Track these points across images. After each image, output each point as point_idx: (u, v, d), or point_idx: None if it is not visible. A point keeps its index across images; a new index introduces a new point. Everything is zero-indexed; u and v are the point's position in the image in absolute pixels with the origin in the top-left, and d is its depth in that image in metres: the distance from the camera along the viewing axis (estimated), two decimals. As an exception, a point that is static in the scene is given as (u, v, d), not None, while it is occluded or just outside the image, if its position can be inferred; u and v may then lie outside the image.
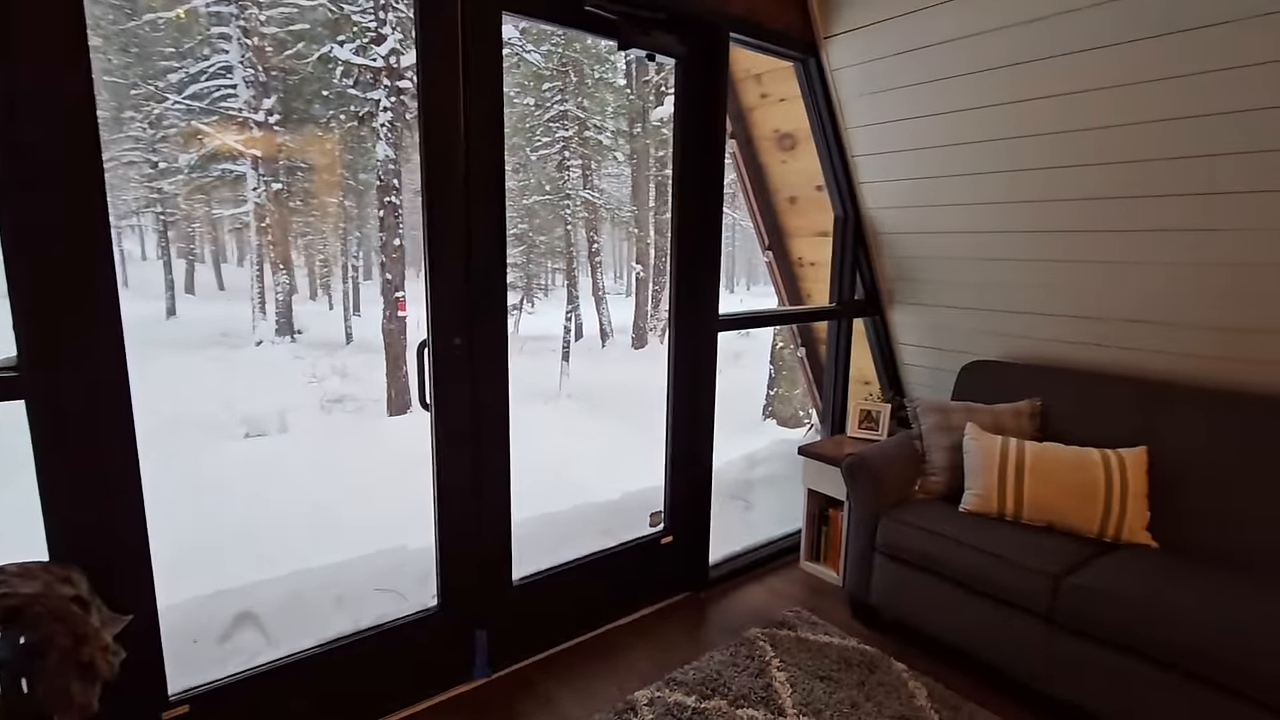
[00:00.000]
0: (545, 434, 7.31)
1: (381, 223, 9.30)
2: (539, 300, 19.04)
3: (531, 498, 3.77)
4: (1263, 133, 1.80)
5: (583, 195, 12.35)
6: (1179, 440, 2.11)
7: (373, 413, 9.03)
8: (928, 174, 2.57)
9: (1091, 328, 2.44)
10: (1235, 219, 1.96)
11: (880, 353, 3.23)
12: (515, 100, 11.61)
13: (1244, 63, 1.76)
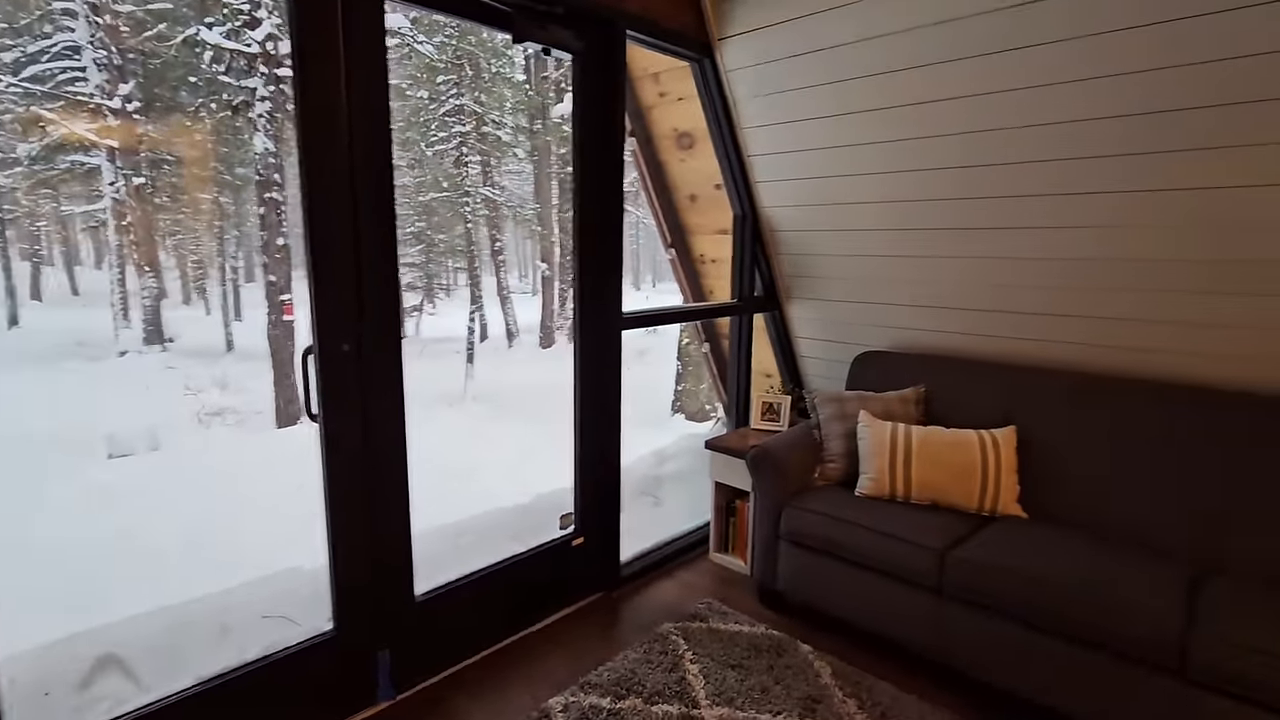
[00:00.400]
0: (451, 439, 7.07)
1: (262, 221, 8.67)
2: (441, 301, 18.43)
3: (437, 507, 3.63)
4: (1096, 139, 2.00)
5: (483, 192, 12.05)
6: (1042, 419, 2.32)
7: (258, 425, 8.40)
8: (817, 174, 2.68)
9: (964, 318, 2.63)
10: (1082, 217, 2.17)
11: (780, 346, 3.34)
12: (408, 93, 11.15)
13: (1099, 74, 1.94)
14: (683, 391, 8.62)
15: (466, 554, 2.58)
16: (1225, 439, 2.00)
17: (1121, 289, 2.21)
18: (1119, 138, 1.96)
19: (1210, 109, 1.80)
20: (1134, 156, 1.98)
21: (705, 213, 3.34)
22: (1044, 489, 2.26)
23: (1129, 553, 1.95)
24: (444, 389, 9.99)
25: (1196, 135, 1.85)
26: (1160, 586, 1.75)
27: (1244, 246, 1.93)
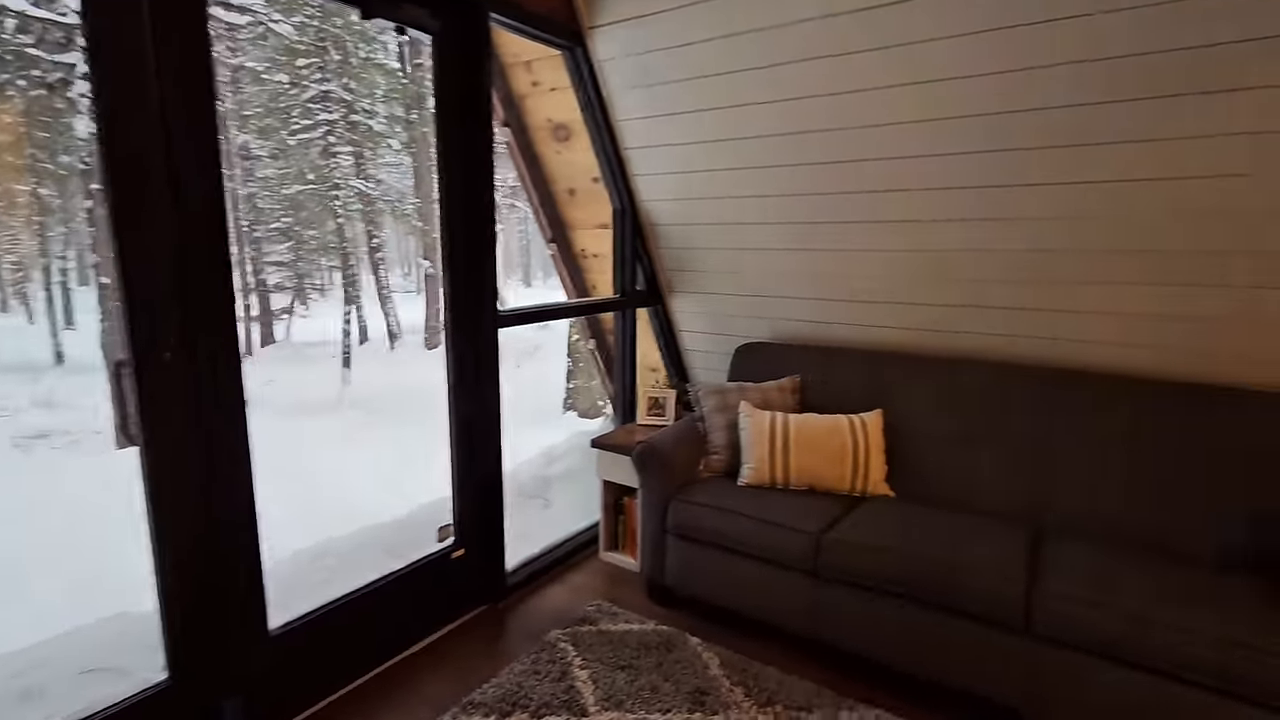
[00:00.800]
0: (324, 450, 6.58)
1: (90, 215, 7.65)
2: (316, 302, 17.19)
3: (303, 527, 3.33)
4: (973, 134, 2.12)
5: (355, 185, 11.32)
6: (905, 402, 2.45)
7: (94, 446, 7.43)
8: (695, 168, 2.69)
9: (839, 309, 2.75)
10: (941, 211, 2.30)
11: (664, 340, 3.35)
12: (265, 77, 10.24)
13: (971, 73, 2.04)
14: (574, 389, 8.54)
15: (335, 577, 2.37)
16: (1056, 412, 2.20)
17: (985, 280, 2.37)
18: (994, 132, 2.08)
19: (1086, 106, 1.95)
20: (1011, 152, 2.11)
21: (585, 207, 3.28)
22: (908, 468, 2.39)
23: (979, 522, 2.10)
24: (318, 396, 9.30)
25: (1063, 133, 1.99)
26: (1005, 552, 1.90)
27: (1110, 237, 2.12)
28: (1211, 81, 1.72)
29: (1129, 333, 2.21)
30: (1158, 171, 1.91)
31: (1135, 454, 2.06)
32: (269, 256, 13.98)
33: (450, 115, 2.15)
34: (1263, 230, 1.86)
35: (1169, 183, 1.91)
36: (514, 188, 14.95)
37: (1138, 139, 1.88)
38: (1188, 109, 1.77)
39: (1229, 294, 2.00)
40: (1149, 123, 1.84)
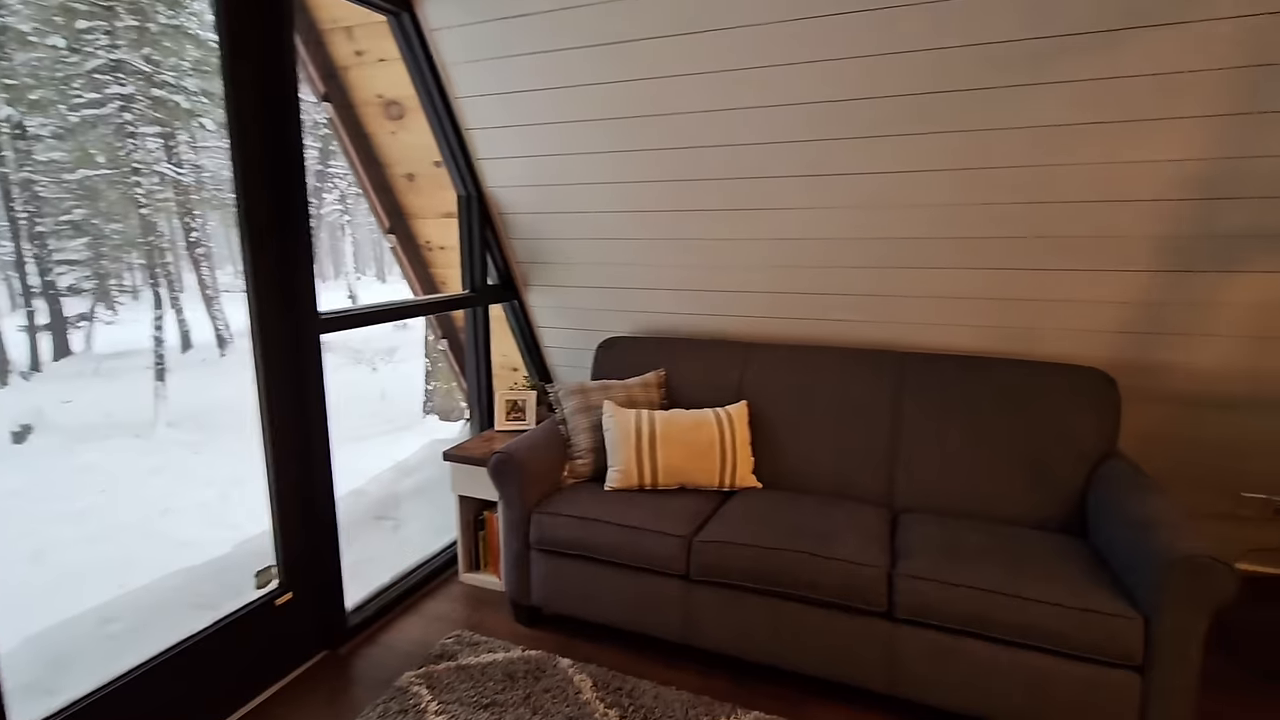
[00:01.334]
0: (132, 479, 5.65)
1: None
2: (124, 306, 14.92)
3: (93, 578, 2.78)
4: (830, 121, 2.11)
5: (164, 171, 9.89)
6: (767, 391, 2.43)
7: None
8: (545, 151, 2.50)
9: (700, 300, 2.69)
10: (780, 199, 2.29)
11: (523, 338, 3.14)
12: (32, 39, 8.62)
13: (809, 59, 2.01)
14: (434, 391, 8.03)
15: (126, 644, 1.95)
16: (902, 392, 2.27)
17: (829, 267, 2.39)
18: (842, 120, 2.07)
19: (913, 96, 1.97)
20: (842, 141, 2.11)
21: (427, 193, 2.97)
22: (773, 458, 2.38)
23: (841, 508, 2.11)
24: (127, 416, 8.04)
25: (892, 123, 2.02)
26: (867, 538, 1.91)
27: (946, 225, 2.18)
28: (1026, 75, 1.80)
29: (954, 314, 2.33)
30: (973, 162, 1.98)
31: (970, 427, 2.17)
32: (60, 254, 11.92)
33: (244, 86, 1.80)
34: (1058, 217, 2.00)
35: (982, 172, 2.00)
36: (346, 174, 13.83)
37: (961, 129, 1.94)
38: (1004, 102, 1.85)
39: (1034, 276, 2.14)
40: (968, 114, 1.90)
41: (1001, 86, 1.83)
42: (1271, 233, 1.83)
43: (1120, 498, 1.84)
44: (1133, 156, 1.84)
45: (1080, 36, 1.70)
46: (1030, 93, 1.82)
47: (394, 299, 2.52)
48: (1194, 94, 1.69)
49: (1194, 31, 1.61)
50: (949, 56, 1.83)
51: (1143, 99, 1.74)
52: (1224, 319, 2.03)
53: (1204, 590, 1.48)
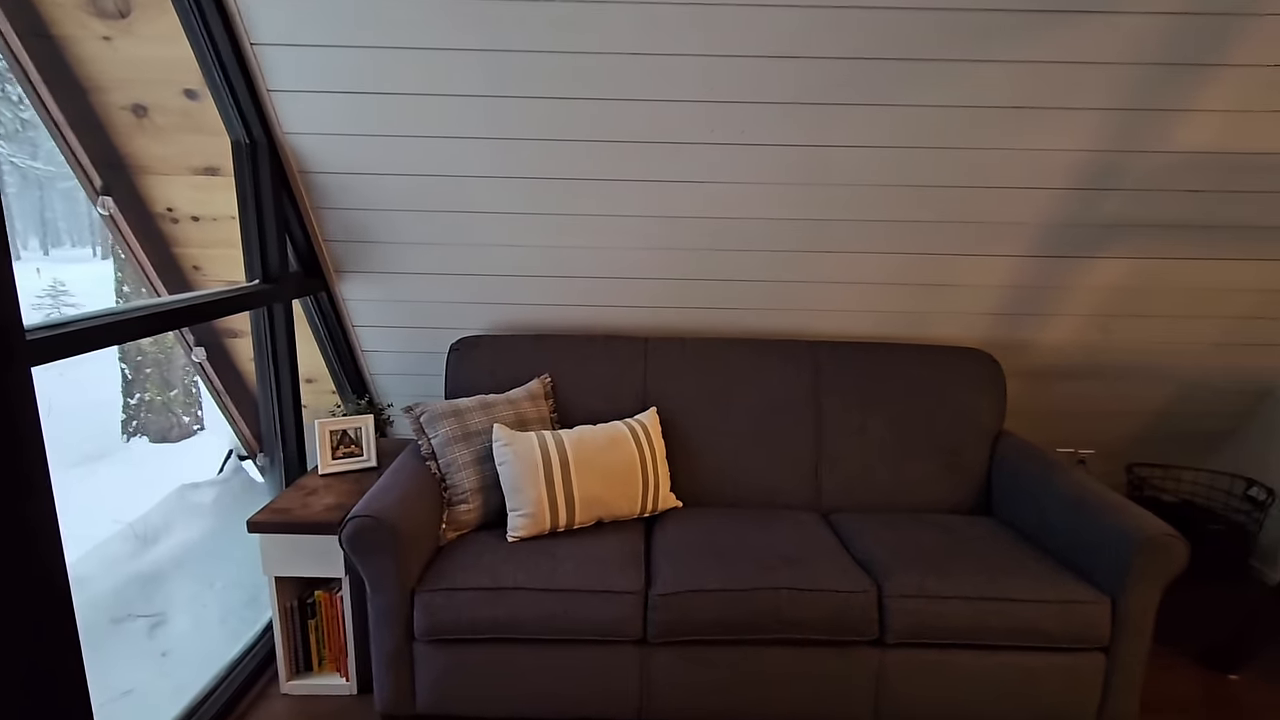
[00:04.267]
0: None
1: None
2: None
3: None
4: (717, 83, 1.78)
5: None
6: (675, 394, 2.11)
7: None
8: (366, 86, 1.78)
9: (580, 287, 2.23)
10: (676, 170, 1.95)
11: (331, 343, 2.35)
12: None
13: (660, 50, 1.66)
14: (141, 404, 6.15)
15: None
16: (816, 384, 2.12)
17: (736, 250, 2.12)
18: (755, 83, 1.76)
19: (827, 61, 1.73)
20: (742, 106, 1.81)
21: (170, 137, 2.02)
22: (690, 470, 2.07)
23: (781, 521, 1.89)
24: None
25: (793, 89, 1.77)
26: (832, 556, 1.71)
27: (845, 208, 2.01)
28: (938, 51, 1.68)
29: (856, 300, 2.26)
30: (883, 140, 1.85)
31: (887, 416, 2.11)
32: None
33: None
34: (955, 202, 1.99)
35: (892, 151, 1.87)
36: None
37: (875, 102, 1.78)
38: (928, 77, 1.72)
39: (929, 260, 2.14)
40: (886, 88, 1.74)
41: (913, 59, 1.68)
42: (1130, 223, 2.02)
43: (1035, 475, 1.90)
44: (1030, 145, 1.86)
45: (991, 15, 1.61)
46: (941, 70, 1.70)
47: (146, 301, 1.63)
48: (1092, 86, 1.73)
49: (1098, 21, 1.61)
50: (869, 19, 1.63)
51: (1046, 87, 1.73)
52: (1075, 300, 2.23)
53: (1164, 566, 1.54)
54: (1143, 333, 2.29)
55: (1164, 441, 2.70)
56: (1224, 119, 1.76)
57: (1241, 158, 1.83)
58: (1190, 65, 1.67)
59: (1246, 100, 1.72)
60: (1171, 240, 2.04)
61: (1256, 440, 2.57)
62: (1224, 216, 1.97)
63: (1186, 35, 1.61)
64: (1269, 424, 2.52)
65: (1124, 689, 1.61)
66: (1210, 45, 1.63)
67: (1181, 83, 1.70)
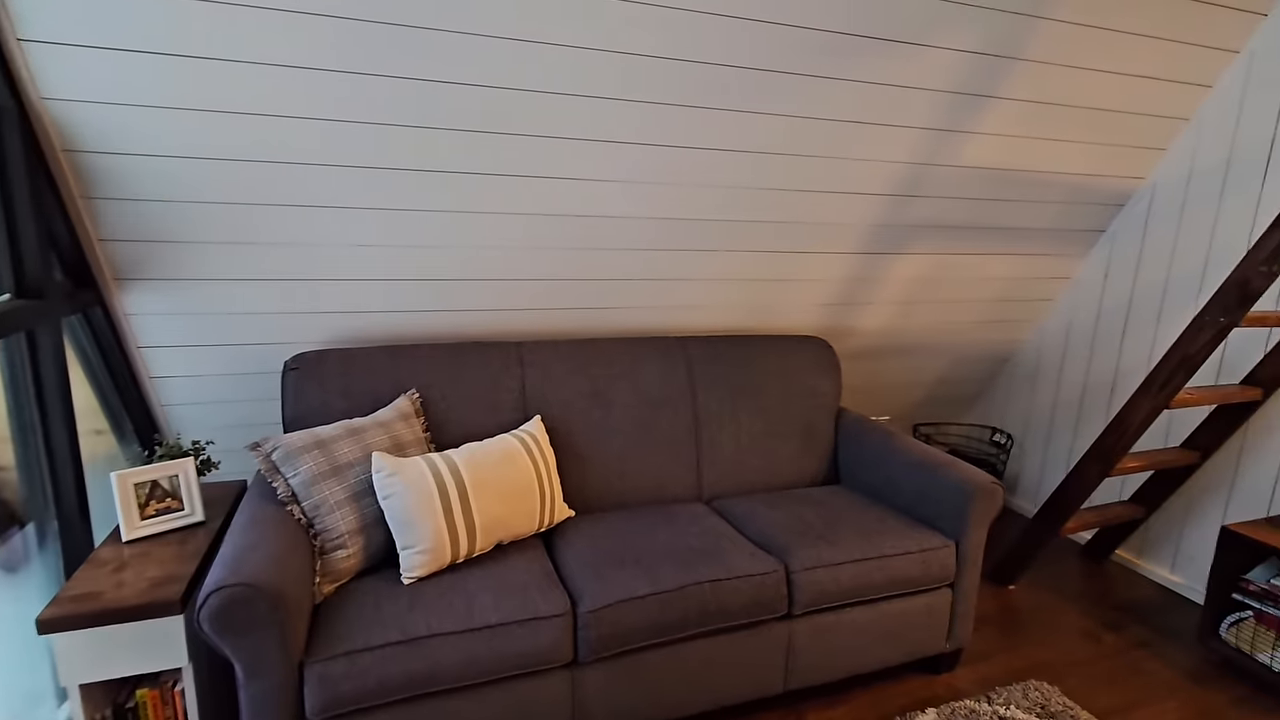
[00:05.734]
0: None
1: None
2: None
3: None
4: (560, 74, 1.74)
5: None
6: (556, 399, 2.03)
7: None
8: (155, 45, 1.41)
9: (430, 292, 2.03)
10: (535, 164, 1.89)
11: (107, 369, 1.84)
12: None
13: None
14: None
15: None
16: (690, 377, 2.20)
17: (606, 249, 2.09)
18: (621, 79, 1.74)
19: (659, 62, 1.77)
20: (637, 105, 1.80)
21: None
22: (579, 476, 2.02)
23: (677, 515, 1.94)
24: None
25: (660, 89, 1.81)
26: (736, 543, 1.80)
27: (700, 207, 2.08)
28: (792, 65, 1.82)
29: (717, 295, 2.38)
30: (743, 144, 1.96)
31: (753, 403, 2.26)
32: None
33: None
34: (803, 204, 2.21)
35: (749, 156, 2.00)
36: None
37: (734, 108, 1.86)
38: (782, 88, 1.87)
39: (779, 258, 2.34)
40: (744, 95, 1.84)
41: (769, 70, 1.81)
42: (929, 224, 2.40)
43: (877, 444, 2.19)
44: (862, 155, 2.12)
45: (836, 36, 1.79)
46: (793, 83, 1.85)
47: None
48: (913, 107, 2.03)
49: (928, 55, 1.90)
50: (732, 29, 1.73)
51: (876, 105, 1.99)
52: (886, 290, 2.60)
53: (990, 509, 1.88)
54: (931, 316, 2.75)
55: (938, 403, 3.28)
56: (997, 141, 2.17)
57: (1006, 173, 2.28)
58: (977, 96, 2.03)
59: (1013, 127, 2.14)
60: (956, 239, 2.47)
61: (998, 397, 3.24)
62: (990, 220, 2.44)
63: (976, 71, 1.96)
64: (1007, 384, 3.19)
65: (964, 614, 1.94)
66: (990, 81, 2.00)
67: (971, 110, 2.06)
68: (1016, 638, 2.19)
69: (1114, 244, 2.64)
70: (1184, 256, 2.41)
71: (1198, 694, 1.95)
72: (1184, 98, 2.25)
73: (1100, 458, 2.15)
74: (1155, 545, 2.57)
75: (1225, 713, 1.88)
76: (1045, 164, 2.29)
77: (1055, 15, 1.87)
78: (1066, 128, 2.19)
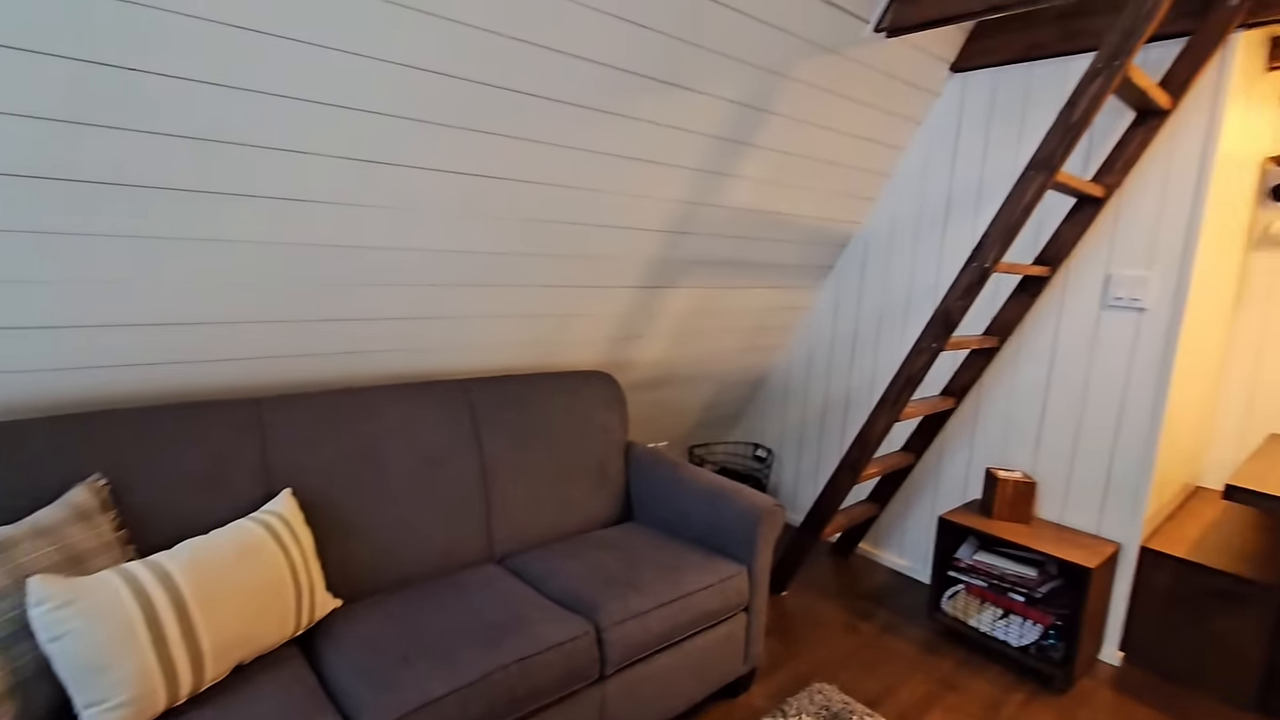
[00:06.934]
0: None
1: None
2: None
3: None
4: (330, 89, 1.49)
5: None
6: (309, 466, 1.67)
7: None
8: None
9: (118, 342, 1.55)
10: (315, 187, 1.59)
11: None
12: None
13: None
14: None
15: None
16: (483, 425, 2.00)
17: (372, 285, 1.80)
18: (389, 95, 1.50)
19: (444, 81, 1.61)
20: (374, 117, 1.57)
21: None
22: (344, 557, 1.68)
23: (469, 585, 1.73)
24: None
25: (435, 109, 1.63)
26: (542, 608, 1.65)
27: (478, 239, 1.90)
28: (595, 102, 1.81)
29: (496, 333, 2.21)
30: (524, 174, 1.86)
31: (543, 447, 2.13)
32: None
33: None
34: (587, 239, 2.17)
35: (532, 188, 1.90)
36: None
37: (519, 136, 1.76)
38: (571, 120, 1.80)
39: (563, 292, 2.26)
40: (530, 123, 1.76)
41: (559, 101, 1.75)
42: (700, 260, 2.51)
43: (667, 476, 2.20)
44: (642, 191, 2.14)
45: (624, 75, 1.80)
46: (582, 115, 1.81)
47: None
48: (688, 148, 2.11)
49: (701, 100, 1.99)
50: (520, 53, 1.63)
51: (657, 144, 2.04)
52: (663, 323, 2.67)
53: (775, 529, 1.99)
54: (701, 345, 2.89)
55: (708, 425, 3.48)
56: (755, 185, 2.35)
57: (760, 214, 2.49)
58: (741, 143, 2.17)
59: (765, 172, 2.34)
60: (720, 274, 2.62)
61: (758, 415, 3.55)
62: (747, 256, 2.64)
63: (739, 119, 2.10)
64: (764, 403, 3.50)
65: (757, 634, 2.02)
66: (748, 130, 2.16)
67: (733, 154, 2.20)
68: (797, 644, 2.36)
69: (840, 279, 3.05)
70: (893, 290, 2.87)
71: (932, 663, 2.28)
72: (887, 157, 2.69)
73: (850, 467, 2.42)
74: (886, 536, 2.99)
75: (953, 675, 2.22)
76: (789, 207, 2.55)
77: (798, 76, 2.08)
78: (804, 176, 2.47)
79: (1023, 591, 2.24)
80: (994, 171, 2.50)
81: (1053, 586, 2.24)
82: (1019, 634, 2.25)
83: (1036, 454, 2.48)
